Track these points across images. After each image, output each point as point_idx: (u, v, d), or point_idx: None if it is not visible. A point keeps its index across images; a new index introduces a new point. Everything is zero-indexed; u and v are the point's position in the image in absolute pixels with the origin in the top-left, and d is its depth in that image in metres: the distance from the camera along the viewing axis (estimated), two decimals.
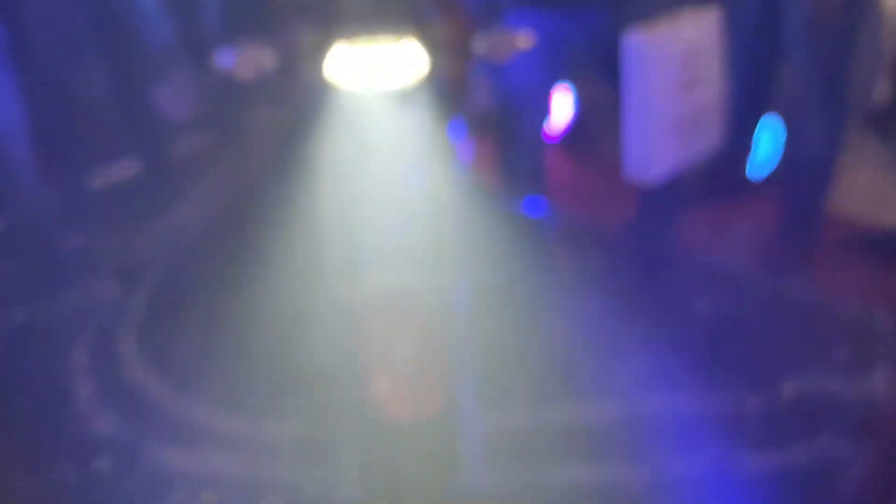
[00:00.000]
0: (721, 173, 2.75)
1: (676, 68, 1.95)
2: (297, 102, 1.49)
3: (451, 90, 1.51)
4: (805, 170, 2.52)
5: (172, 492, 1.75)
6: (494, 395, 1.65)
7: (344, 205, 1.54)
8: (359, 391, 1.54)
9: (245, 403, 1.91)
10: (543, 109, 2.34)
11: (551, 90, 2.32)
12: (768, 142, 2.81)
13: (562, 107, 3.03)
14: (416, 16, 1.40)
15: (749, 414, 1.86)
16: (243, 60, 1.43)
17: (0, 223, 2.53)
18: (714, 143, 2.17)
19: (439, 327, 1.53)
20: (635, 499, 1.65)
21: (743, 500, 1.63)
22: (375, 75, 1.38)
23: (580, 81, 2.88)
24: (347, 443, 1.58)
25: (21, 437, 2.02)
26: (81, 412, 2.09)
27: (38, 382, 2.29)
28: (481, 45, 1.49)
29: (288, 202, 1.74)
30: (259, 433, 1.82)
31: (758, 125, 2.73)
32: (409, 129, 1.45)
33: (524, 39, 1.49)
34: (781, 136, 2.76)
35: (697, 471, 1.67)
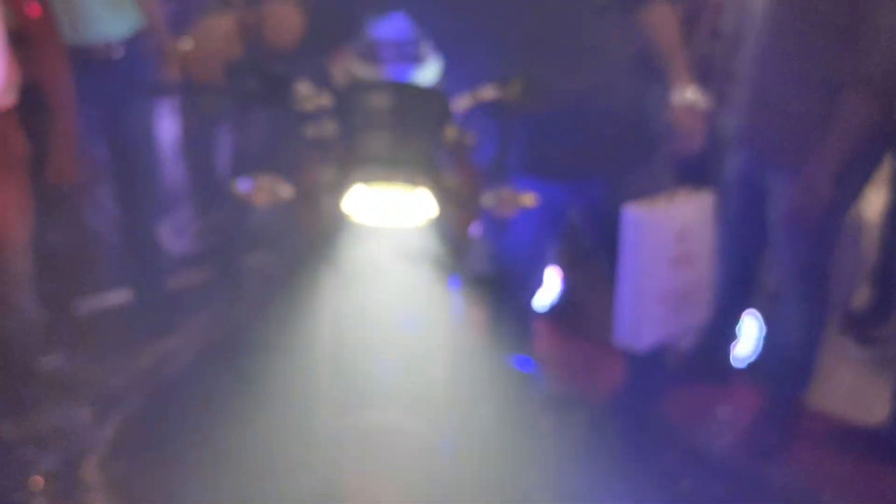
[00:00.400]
0: (706, 358, 2.81)
1: (671, 244, 2.02)
2: (308, 230, 1.55)
3: (455, 238, 1.58)
4: (784, 362, 2.57)
5: None
6: None
7: (339, 338, 1.55)
8: None
9: None
10: (536, 278, 2.40)
11: (544, 260, 2.38)
12: (752, 332, 2.89)
13: (551, 282, 3.14)
14: (431, 169, 1.48)
15: None
16: (260, 187, 1.49)
17: None
18: (701, 321, 2.23)
19: (423, 470, 1.51)
20: None
21: None
22: (387, 214, 1.44)
23: (571, 253, 3.00)
24: None
25: None
26: None
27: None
28: (488, 199, 1.57)
29: (281, 334, 1.76)
30: None
31: (742, 314, 2.80)
32: (412, 270, 1.50)
33: (530, 198, 1.57)
34: (763, 327, 2.84)
35: None
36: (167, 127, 3.71)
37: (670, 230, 2.02)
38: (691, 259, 2.08)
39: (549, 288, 3.15)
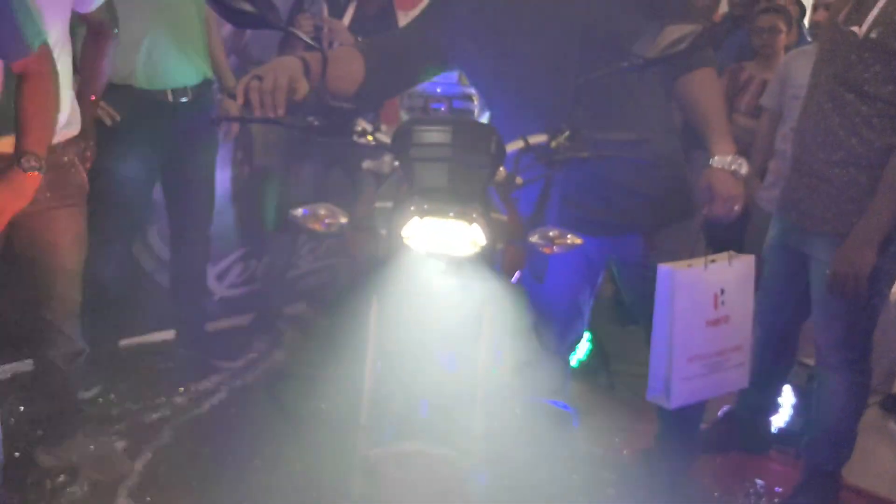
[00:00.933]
0: (745, 426, 2.78)
1: (709, 306, 2.03)
2: (360, 258, 1.60)
3: (501, 274, 1.62)
4: (824, 434, 2.54)
5: None
6: None
7: (381, 365, 1.59)
8: None
9: None
10: (572, 330, 2.39)
11: (581, 313, 2.38)
12: (792, 402, 2.86)
13: (587, 336, 3.15)
14: (484, 204, 1.53)
15: None
16: (318, 214, 1.55)
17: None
18: (739, 385, 2.20)
19: (458, 499, 1.51)
20: None
21: None
22: (439, 243, 1.49)
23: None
24: None
25: None
26: None
27: None
28: (536, 237, 1.61)
29: (321, 365, 1.79)
30: None
31: (781, 382, 2.78)
32: (457, 300, 1.53)
33: (578, 238, 1.61)
34: (803, 396, 2.81)
35: None
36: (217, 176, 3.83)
37: (709, 292, 2.02)
38: (730, 322, 2.08)
39: (586, 342, 3.16)
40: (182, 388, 3.02)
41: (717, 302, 2.07)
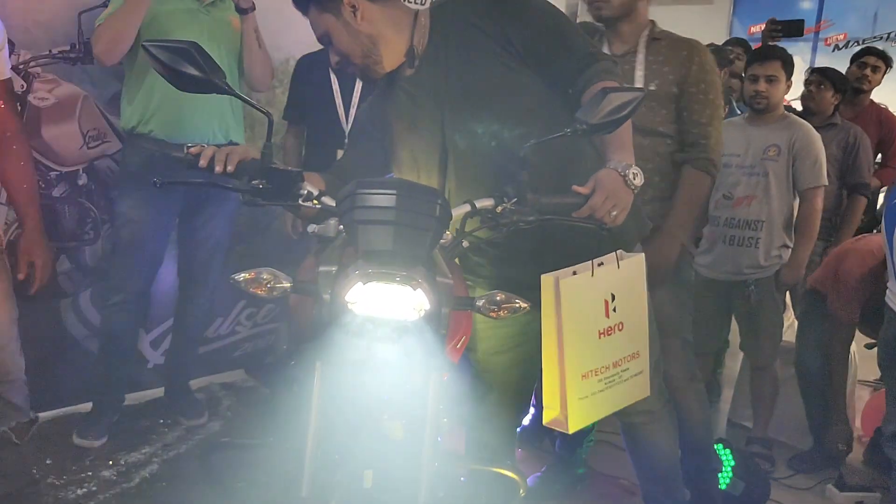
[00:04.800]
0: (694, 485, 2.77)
1: (598, 313, 1.86)
2: (304, 324, 1.56)
3: (446, 339, 1.60)
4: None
5: None
6: None
7: (324, 435, 1.54)
8: None
9: None
10: (516, 397, 2.36)
11: (524, 380, 2.34)
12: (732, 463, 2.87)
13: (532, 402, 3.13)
14: (429, 267, 1.52)
15: None
16: (259, 279, 1.52)
17: None
18: (640, 393, 2.01)
19: None
20: None
21: None
22: (383, 307, 1.47)
23: None
24: None
25: None
26: None
27: None
28: (482, 301, 1.60)
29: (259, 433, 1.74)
30: None
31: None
32: (402, 367, 1.50)
33: (523, 302, 1.60)
34: (742, 459, 2.83)
35: None
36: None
37: (598, 300, 1.87)
38: (624, 330, 1.92)
39: (531, 406, 3.14)
40: (110, 461, 2.89)
41: (608, 309, 1.89)
